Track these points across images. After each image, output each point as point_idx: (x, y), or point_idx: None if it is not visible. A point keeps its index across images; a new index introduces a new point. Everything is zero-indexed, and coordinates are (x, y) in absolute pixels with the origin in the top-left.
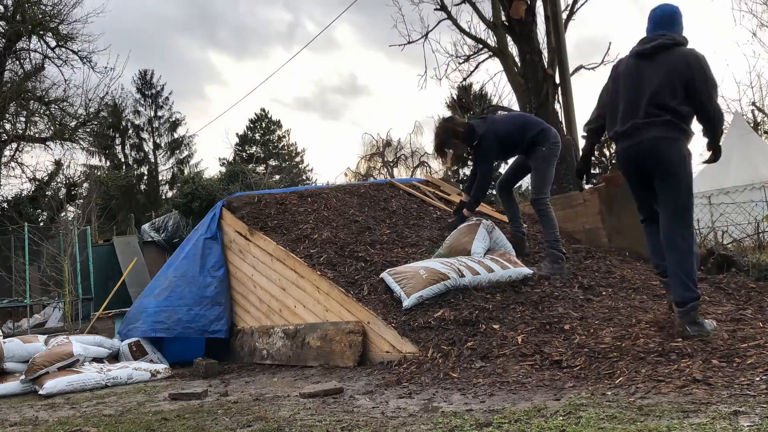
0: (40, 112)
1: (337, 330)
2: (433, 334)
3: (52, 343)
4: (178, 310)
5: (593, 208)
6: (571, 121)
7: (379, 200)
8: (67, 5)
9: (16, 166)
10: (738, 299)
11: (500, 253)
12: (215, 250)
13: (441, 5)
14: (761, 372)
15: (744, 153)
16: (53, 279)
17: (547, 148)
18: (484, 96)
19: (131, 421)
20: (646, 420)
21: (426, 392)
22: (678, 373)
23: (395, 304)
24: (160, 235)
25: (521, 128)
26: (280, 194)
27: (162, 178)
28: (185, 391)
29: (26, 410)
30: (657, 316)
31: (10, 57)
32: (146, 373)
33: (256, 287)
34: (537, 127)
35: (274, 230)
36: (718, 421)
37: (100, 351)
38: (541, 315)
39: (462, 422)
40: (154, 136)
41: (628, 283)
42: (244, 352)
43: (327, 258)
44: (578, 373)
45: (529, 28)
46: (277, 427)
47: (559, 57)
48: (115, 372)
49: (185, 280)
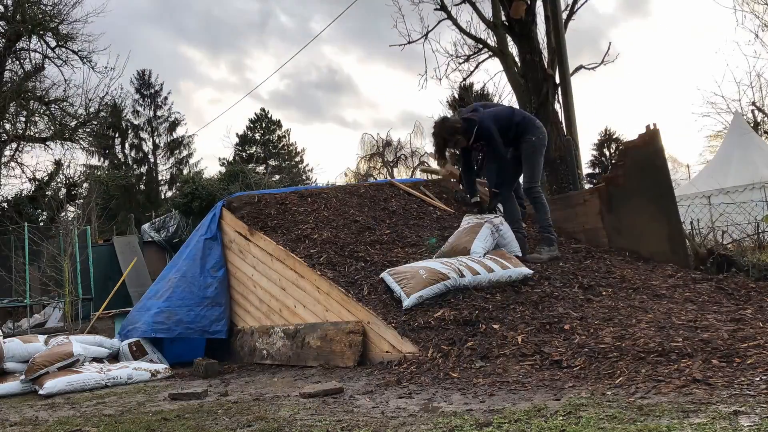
0: (40, 112)
1: (337, 330)
2: (433, 334)
3: (52, 343)
4: (178, 311)
5: (593, 208)
6: (571, 121)
7: (379, 200)
8: (67, 5)
9: (16, 166)
10: (738, 299)
11: (500, 253)
12: (215, 251)
13: (441, 5)
14: (761, 372)
15: (744, 153)
16: (53, 279)
17: (536, 136)
18: (484, 96)
19: (131, 421)
20: (646, 420)
21: (426, 392)
22: (678, 373)
23: (395, 304)
24: (160, 235)
25: (509, 113)
26: (280, 194)
27: (161, 178)
28: (185, 391)
29: (26, 410)
30: (657, 316)
31: (10, 57)
32: (146, 373)
33: (256, 287)
34: (523, 113)
35: (274, 230)
36: (718, 421)
37: (100, 351)
38: (541, 315)
39: (462, 422)
40: (153, 136)
41: (628, 283)
42: (244, 352)
43: (327, 258)
44: (578, 373)
45: (529, 28)
46: (277, 427)
47: (559, 57)
48: (115, 372)
49: (185, 281)
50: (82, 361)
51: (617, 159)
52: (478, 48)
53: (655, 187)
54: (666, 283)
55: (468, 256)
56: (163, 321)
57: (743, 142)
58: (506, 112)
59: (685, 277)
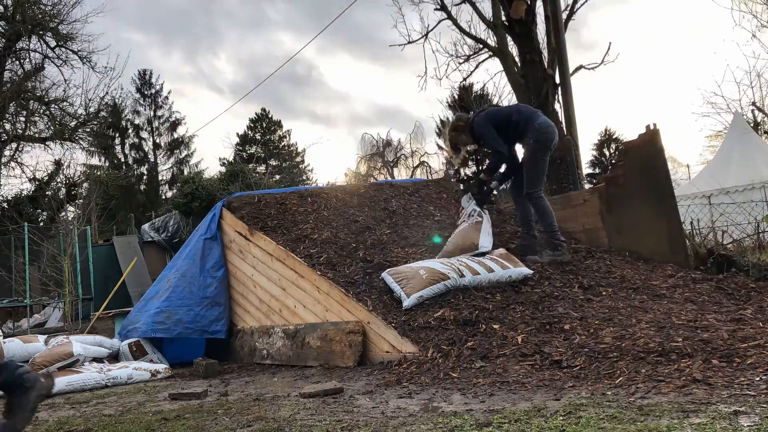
0: (39, 112)
1: (337, 330)
2: (433, 334)
3: (52, 343)
4: (178, 311)
5: (593, 208)
6: (571, 120)
7: (379, 200)
8: (67, 5)
9: (16, 166)
10: (738, 299)
11: (500, 253)
12: (215, 251)
13: (441, 5)
14: (761, 372)
15: (744, 153)
16: (53, 279)
17: (534, 139)
18: (484, 96)
19: (131, 421)
20: (646, 420)
21: (426, 392)
22: (678, 373)
23: (395, 304)
24: (160, 235)
25: (507, 112)
26: (280, 194)
27: (162, 178)
28: (185, 391)
29: None
30: (657, 316)
31: (10, 57)
32: (146, 373)
33: (256, 287)
34: (524, 113)
35: (274, 230)
36: (718, 421)
37: (100, 351)
38: (541, 315)
39: (462, 422)
40: (153, 136)
41: (628, 283)
42: (244, 352)
43: (327, 258)
44: (578, 373)
45: (529, 28)
46: (277, 427)
47: (559, 57)
48: (115, 372)
49: (185, 281)
50: (82, 361)
51: (617, 159)
52: (478, 48)
53: (655, 187)
54: (666, 283)
55: (468, 255)
56: (162, 321)
57: (743, 142)
58: (505, 111)
59: (685, 277)
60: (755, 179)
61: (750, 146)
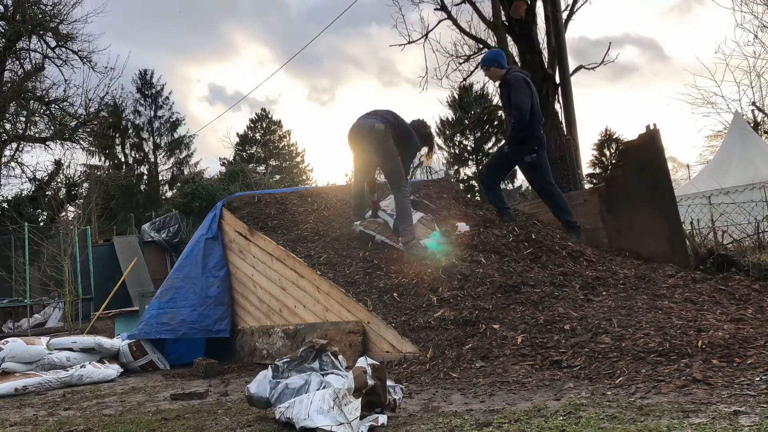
0: (40, 112)
1: (337, 330)
2: (433, 334)
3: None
4: (181, 311)
5: (593, 208)
6: (571, 121)
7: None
8: (67, 5)
9: (16, 166)
10: (738, 299)
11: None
12: (216, 250)
13: (441, 5)
14: (761, 372)
15: (744, 153)
16: (53, 279)
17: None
18: (484, 96)
19: (131, 421)
20: (646, 420)
21: (426, 392)
22: (678, 373)
23: (395, 304)
24: (161, 235)
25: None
26: (280, 194)
27: (162, 178)
28: (185, 391)
29: (26, 410)
30: (657, 316)
31: (10, 57)
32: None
33: (256, 287)
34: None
35: (274, 230)
36: (718, 421)
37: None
38: (541, 315)
39: (462, 422)
40: (153, 136)
41: (628, 283)
42: (244, 352)
43: (327, 258)
44: (578, 373)
45: (529, 28)
46: (277, 427)
47: (559, 57)
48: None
49: (188, 281)
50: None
51: (617, 159)
52: (478, 48)
53: (655, 187)
54: (666, 283)
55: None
56: (167, 321)
57: (743, 142)
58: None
59: (685, 277)
60: (755, 179)
61: (750, 146)
